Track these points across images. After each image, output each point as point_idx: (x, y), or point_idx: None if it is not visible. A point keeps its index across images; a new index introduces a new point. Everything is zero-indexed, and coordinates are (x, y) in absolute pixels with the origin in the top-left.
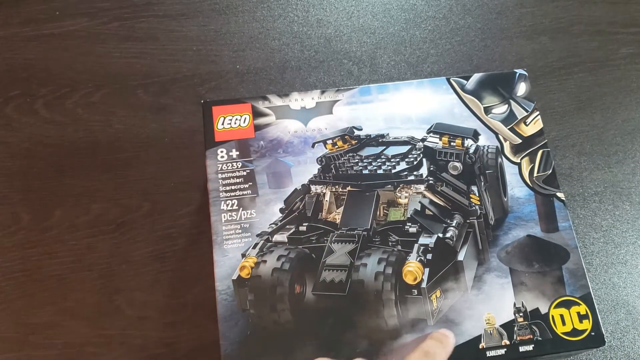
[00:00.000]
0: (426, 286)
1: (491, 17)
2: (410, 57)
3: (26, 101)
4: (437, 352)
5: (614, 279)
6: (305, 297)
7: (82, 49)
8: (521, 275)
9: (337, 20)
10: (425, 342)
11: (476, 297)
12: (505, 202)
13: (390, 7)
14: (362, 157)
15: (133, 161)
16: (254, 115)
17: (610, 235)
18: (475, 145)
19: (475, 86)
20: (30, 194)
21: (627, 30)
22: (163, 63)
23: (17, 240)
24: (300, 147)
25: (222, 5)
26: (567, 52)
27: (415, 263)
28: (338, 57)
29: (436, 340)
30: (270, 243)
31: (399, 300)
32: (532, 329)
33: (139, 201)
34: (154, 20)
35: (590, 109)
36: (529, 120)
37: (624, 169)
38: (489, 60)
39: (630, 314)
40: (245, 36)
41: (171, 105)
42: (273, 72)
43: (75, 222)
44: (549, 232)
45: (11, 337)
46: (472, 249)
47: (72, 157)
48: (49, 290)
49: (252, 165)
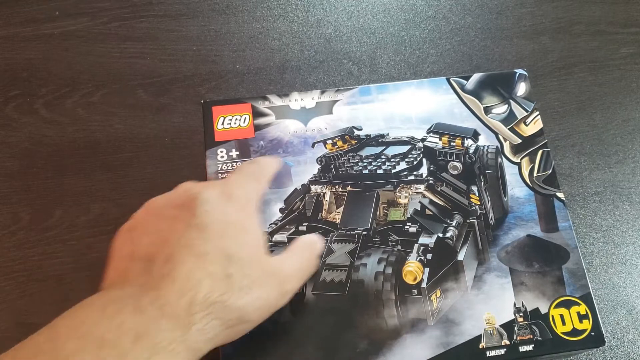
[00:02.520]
0: (426, 286)
1: (491, 17)
2: (410, 57)
3: (26, 101)
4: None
5: (614, 278)
6: (305, 296)
7: (82, 49)
8: (521, 275)
9: (337, 20)
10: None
11: (476, 297)
12: (505, 202)
13: (390, 7)
14: (362, 157)
15: (133, 161)
16: (254, 115)
17: (610, 235)
18: (475, 145)
19: (475, 86)
20: (30, 193)
21: (627, 30)
22: (163, 63)
23: (17, 240)
24: (300, 147)
25: (222, 5)
26: (567, 52)
27: (415, 263)
28: (338, 57)
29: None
30: (270, 243)
31: (399, 300)
32: (532, 329)
33: (138, 201)
34: (154, 20)
35: (591, 109)
36: (528, 120)
37: (624, 169)
38: (489, 60)
39: (631, 314)
40: (245, 36)
41: (171, 105)
42: (273, 72)
43: (75, 222)
44: (549, 232)
45: (11, 337)
46: (472, 248)
47: (72, 157)
48: (49, 290)
49: None
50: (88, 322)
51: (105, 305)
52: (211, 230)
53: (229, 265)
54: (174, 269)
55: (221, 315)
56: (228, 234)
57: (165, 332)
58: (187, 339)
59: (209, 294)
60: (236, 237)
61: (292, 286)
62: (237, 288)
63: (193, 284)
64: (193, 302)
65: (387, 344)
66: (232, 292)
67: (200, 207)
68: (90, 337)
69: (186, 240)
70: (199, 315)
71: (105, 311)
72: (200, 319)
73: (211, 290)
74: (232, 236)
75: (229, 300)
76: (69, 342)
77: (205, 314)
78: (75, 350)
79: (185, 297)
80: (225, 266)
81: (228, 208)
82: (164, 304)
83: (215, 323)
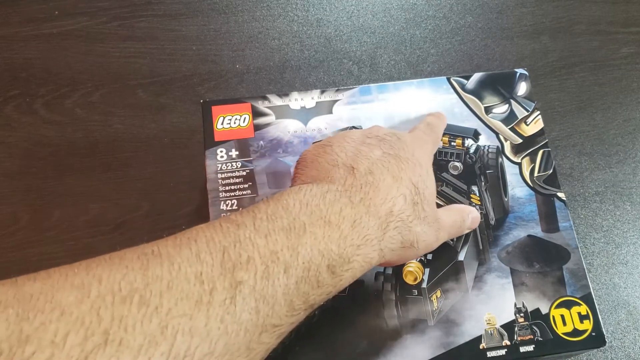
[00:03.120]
0: (426, 286)
1: (492, 17)
2: (411, 56)
3: (25, 101)
4: (436, 124)
5: (614, 279)
6: None
7: (81, 49)
8: (522, 275)
9: (337, 19)
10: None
11: (477, 297)
12: (506, 202)
13: (390, 6)
14: None
15: (132, 161)
16: (254, 115)
17: (611, 236)
18: (475, 145)
19: (475, 86)
20: (29, 193)
21: (628, 30)
22: (162, 62)
23: (16, 241)
24: (300, 147)
25: (222, 4)
26: (568, 52)
27: (416, 263)
28: (338, 57)
29: (434, 117)
30: None
31: (399, 300)
32: (533, 329)
33: (138, 201)
34: (153, 19)
35: (591, 109)
36: (529, 120)
37: (625, 169)
38: (490, 60)
39: (631, 314)
40: (245, 36)
41: (170, 104)
42: (273, 72)
43: (74, 222)
44: (549, 232)
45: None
46: (473, 249)
47: (71, 157)
48: None
49: (252, 165)
50: (312, 203)
51: (324, 194)
52: (405, 163)
53: (416, 195)
54: (375, 180)
55: (404, 233)
56: (416, 171)
57: (372, 227)
58: (382, 241)
59: (401, 211)
60: (422, 175)
61: (444, 236)
62: (417, 216)
63: (392, 197)
64: (391, 211)
65: (387, 345)
66: (415, 218)
67: (398, 142)
68: (318, 215)
69: (384, 163)
70: (392, 225)
71: (325, 198)
72: (392, 229)
73: (403, 208)
74: (420, 174)
75: (411, 223)
76: (302, 214)
77: (395, 225)
78: (308, 222)
79: (387, 204)
80: (414, 195)
81: (417, 151)
82: (370, 204)
83: (398, 238)
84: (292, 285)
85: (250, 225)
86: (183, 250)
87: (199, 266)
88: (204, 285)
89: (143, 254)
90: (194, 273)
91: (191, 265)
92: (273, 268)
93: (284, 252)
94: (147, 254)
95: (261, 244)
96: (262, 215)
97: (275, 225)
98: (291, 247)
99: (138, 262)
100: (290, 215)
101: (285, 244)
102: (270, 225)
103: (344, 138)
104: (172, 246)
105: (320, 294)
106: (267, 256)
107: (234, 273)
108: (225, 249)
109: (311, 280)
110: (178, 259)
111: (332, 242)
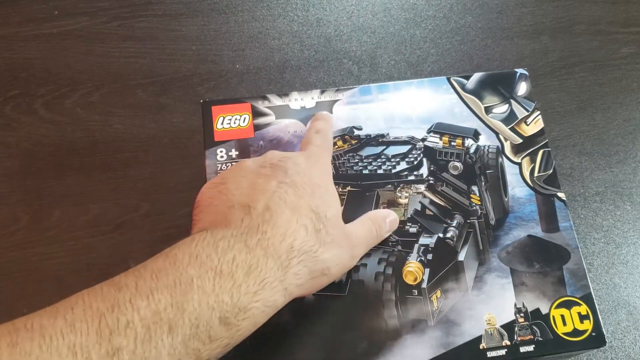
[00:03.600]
0: (426, 286)
1: (492, 17)
2: (411, 56)
3: (25, 101)
4: (325, 127)
5: (614, 279)
6: (305, 297)
7: (81, 49)
8: (522, 275)
9: (337, 19)
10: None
11: (477, 297)
12: (506, 202)
13: (390, 6)
14: (362, 157)
15: (132, 161)
16: (254, 115)
17: (611, 236)
18: (475, 145)
19: (475, 86)
20: (29, 194)
21: (628, 30)
22: (162, 62)
23: (16, 241)
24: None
25: (222, 4)
26: (568, 52)
27: (416, 263)
28: (338, 57)
29: (321, 120)
30: None
31: (399, 300)
32: (533, 329)
33: (138, 201)
34: (153, 19)
35: (591, 109)
36: (529, 120)
37: (625, 169)
38: (490, 60)
39: (631, 314)
40: (245, 35)
41: (170, 104)
42: (273, 72)
43: (74, 222)
44: (549, 232)
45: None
46: (473, 249)
47: (71, 157)
48: (48, 291)
49: None
50: (202, 255)
51: (217, 242)
52: (303, 189)
53: (317, 222)
54: (273, 216)
55: (310, 265)
56: (315, 194)
57: (271, 270)
58: (284, 280)
59: (304, 243)
60: (322, 198)
61: (360, 251)
62: (322, 243)
63: (291, 232)
64: (292, 247)
65: (387, 345)
66: (320, 246)
67: (293, 168)
68: (208, 266)
69: (280, 195)
70: (295, 261)
71: (218, 246)
72: (295, 264)
73: (305, 240)
74: (319, 197)
75: (317, 252)
76: (189, 268)
77: (299, 260)
78: (196, 275)
79: (287, 241)
80: (315, 222)
81: (313, 171)
82: (268, 245)
83: (305, 271)
84: (178, 344)
85: (132, 286)
86: (57, 321)
87: (72, 336)
88: (77, 357)
89: (15, 329)
90: (66, 345)
91: (65, 337)
92: (155, 330)
93: (167, 311)
94: (19, 329)
95: (142, 306)
96: (147, 273)
97: (159, 283)
98: (176, 305)
99: (8, 337)
100: (177, 270)
101: (169, 302)
102: (154, 283)
103: (239, 172)
104: (48, 317)
105: (215, 347)
106: (149, 317)
107: (110, 340)
108: (102, 315)
109: (201, 336)
110: (50, 331)
111: (224, 293)
